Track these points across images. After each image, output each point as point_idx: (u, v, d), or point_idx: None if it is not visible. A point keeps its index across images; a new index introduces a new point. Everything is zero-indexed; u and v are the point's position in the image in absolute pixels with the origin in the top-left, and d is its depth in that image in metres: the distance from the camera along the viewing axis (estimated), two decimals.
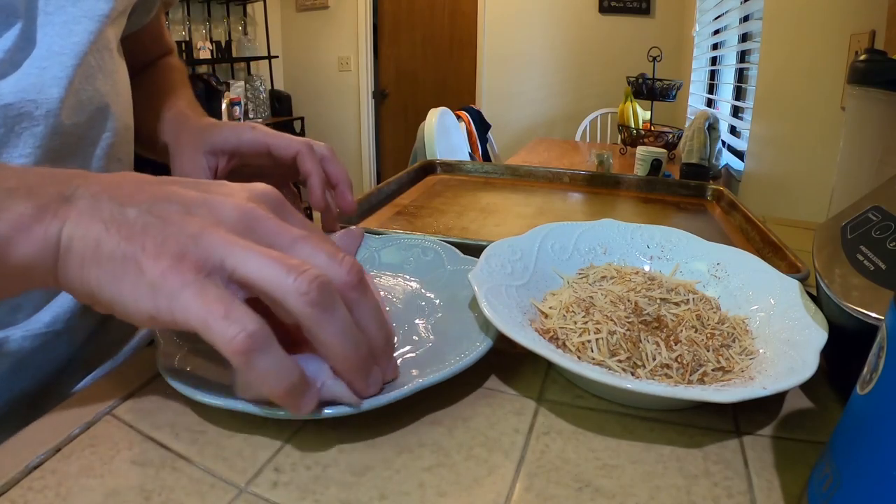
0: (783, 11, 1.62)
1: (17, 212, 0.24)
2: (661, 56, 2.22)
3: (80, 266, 0.25)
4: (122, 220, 0.25)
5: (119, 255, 0.24)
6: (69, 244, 0.25)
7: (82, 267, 0.25)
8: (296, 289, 0.24)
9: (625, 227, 0.47)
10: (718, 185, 0.82)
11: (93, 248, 0.25)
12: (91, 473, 0.27)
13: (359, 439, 0.29)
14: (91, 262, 0.25)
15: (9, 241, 0.24)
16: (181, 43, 3.24)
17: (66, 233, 0.25)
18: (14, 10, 0.34)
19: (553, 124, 3.65)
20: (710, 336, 0.35)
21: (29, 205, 0.25)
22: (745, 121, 2.03)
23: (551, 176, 0.90)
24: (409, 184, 0.85)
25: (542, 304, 0.39)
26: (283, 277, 0.24)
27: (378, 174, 4.30)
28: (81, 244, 0.25)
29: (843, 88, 1.12)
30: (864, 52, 0.55)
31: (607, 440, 0.30)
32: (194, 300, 0.24)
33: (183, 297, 0.24)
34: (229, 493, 0.26)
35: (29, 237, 0.24)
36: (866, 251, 0.33)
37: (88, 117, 0.40)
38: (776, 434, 0.30)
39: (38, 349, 0.40)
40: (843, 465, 0.22)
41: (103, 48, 0.41)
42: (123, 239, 0.24)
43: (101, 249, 0.24)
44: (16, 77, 0.35)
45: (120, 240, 0.24)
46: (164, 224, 0.25)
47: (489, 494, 0.26)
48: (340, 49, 4.02)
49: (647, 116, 2.43)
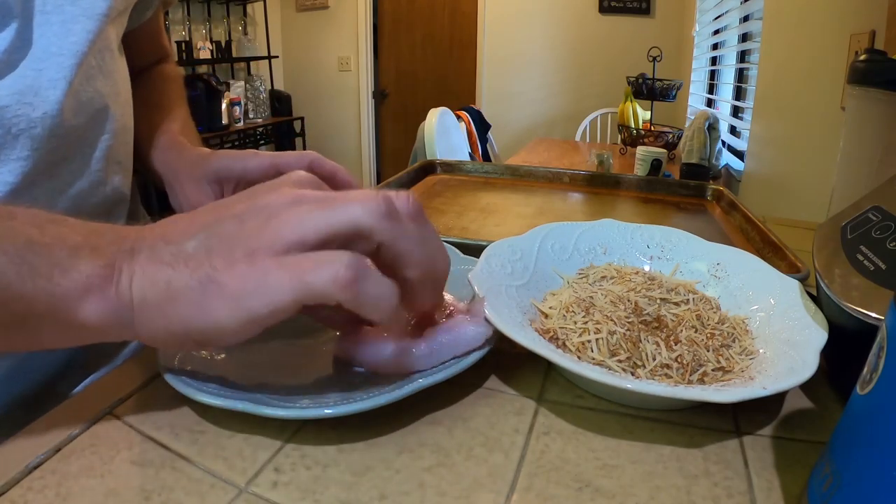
0: (783, 11, 1.62)
1: (83, 272, 0.25)
2: (661, 56, 2.22)
3: (160, 313, 0.25)
4: (183, 255, 0.25)
5: (195, 284, 0.25)
6: (143, 296, 0.25)
7: (162, 312, 0.25)
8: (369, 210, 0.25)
9: (625, 227, 0.47)
10: (718, 185, 0.82)
11: (164, 290, 0.25)
12: (91, 473, 0.27)
13: (359, 439, 0.29)
14: (168, 303, 0.25)
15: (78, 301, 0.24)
16: (181, 43, 3.24)
17: (137, 285, 0.25)
18: (9, 9, 0.34)
19: (553, 124, 3.65)
20: (710, 336, 0.35)
21: (95, 264, 0.25)
22: (745, 121, 2.03)
23: (551, 176, 0.90)
24: (409, 184, 0.85)
25: (542, 304, 0.39)
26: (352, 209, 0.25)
27: (378, 174, 4.30)
28: (153, 291, 0.25)
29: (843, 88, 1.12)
30: (864, 52, 0.55)
31: (607, 440, 0.30)
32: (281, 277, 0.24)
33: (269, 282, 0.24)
34: (229, 493, 0.26)
35: (103, 296, 0.25)
36: (866, 251, 0.33)
37: (87, 119, 0.39)
38: (776, 434, 0.30)
39: (35, 352, 0.40)
40: (843, 465, 0.22)
41: (104, 48, 0.40)
42: (191, 269, 0.25)
43: (173, 287, 0.25)
44: (11, 79, 0.34)
45: (189, 271, 0.25)
46: (225, 240, 0.25)
47: (489, 494, 0.26)
48: (340, 49, 4.02)
49: (647, 116, 2.43)
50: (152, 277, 0.25)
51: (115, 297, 0.25)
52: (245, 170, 0.44)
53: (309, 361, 0.34)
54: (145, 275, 0.25)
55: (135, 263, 0.25)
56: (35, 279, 0.24)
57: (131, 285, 0.25)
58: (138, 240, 0.26)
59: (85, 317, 0.25)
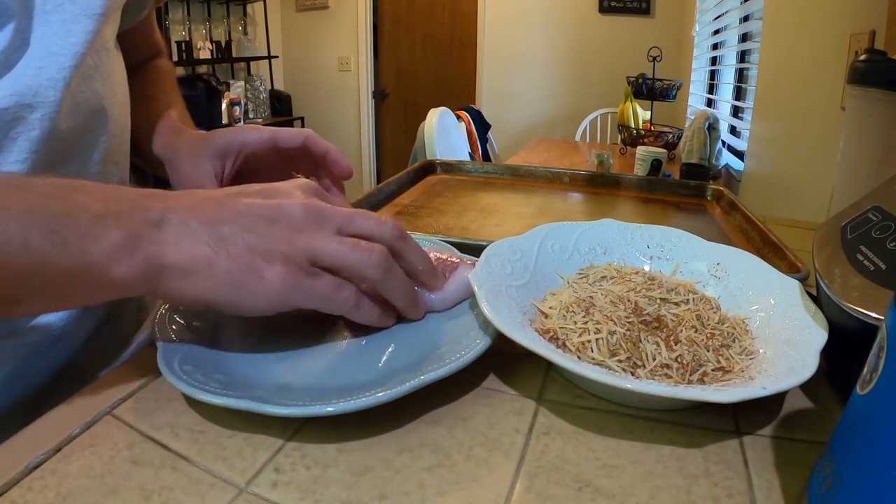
0: (783, 11, 1.62)
1: (111, 240, 0.28)
2: (661, 56, 2.21)
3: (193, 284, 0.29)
4: (222, 240, 0.30)
5: (237, 271, 0.30)
6: (175, 265, 0.29)
7: (195, 284, 0.30)
8: (370, 263, 0.32)
9: (625, 227, 0.47)
10: (718, 185, 0.82)
11: (204, 267, 0.29)
12: (91, 473, 0.27)
13: (359, 439, 0.29)
14: (205, 278, 0.29)
15: (108, 266, 0.28)
16: (181, 43, 3.24)
17: (170, 257, 0.29)
18: (7, 9, 0.33)
19: (553, 124, 3.65)
20: (710, 336, 0.35)
21: (121, 233, 0.28)
22: (745, 121, 2.03)
23: (551, 176, 0.90)
24: (409, 184, 0.85)
25: (542, 304, 0.39)
26: (361, 257, 0.32)
27: (378, 174, 4.30)
28: (190, 264, 0.29)
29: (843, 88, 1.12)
30: (864, 52, 0.55)
31: (607, 440, 0.30)
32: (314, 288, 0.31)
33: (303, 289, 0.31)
34: (229, 493, 0.26)
35: (131, 261, 0.28)
36: (866, 251, 0.33)
37: (85, 120, 0.39)
38: (776, 434, 0.30)
39: (34, 356, 0.40)
40: (843, 466, 0.22)
41: (101, 48, 0.40)
42: (233, 258, 0.30)
43: (214, 268, 0.29)
44: (10, 79, 0.34)
45: (230, 258, 0.30)
46: (260, 238, 0.31)
47: (489, 494, 0.26)
48: (340, 49, 4.02)
49: (647, 116, 2.42)
50: (191, 253, 0.29)
51: (145, 261, 0.28)
52: (245, 143, 0.46)
53: (310, 360, 0.34)
54: (181, 250, 0.29)
55: (166, 235, 0.29)
56: (68, 248, 0.27)
57: (163, 254, 0.29)
58: (165, 211, 0.30)
59: (116, 276, 0.28)
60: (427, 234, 0.51)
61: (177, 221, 0.30)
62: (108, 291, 0.29)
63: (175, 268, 0.29)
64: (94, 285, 0.28)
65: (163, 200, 0.30)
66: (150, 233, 0.29)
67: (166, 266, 0.29)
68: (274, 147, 0.46)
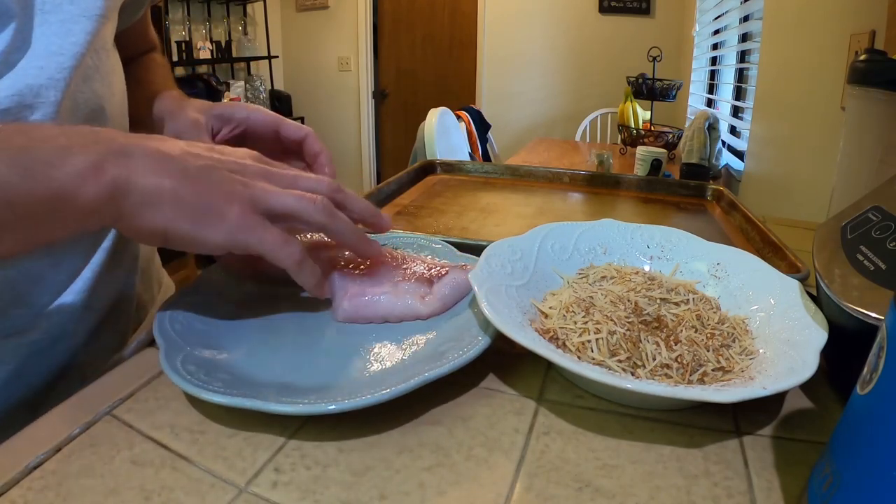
0: (783, 11, 1.62)
1: (76, 165, 0.29)
2: (661, 56, 2.21)
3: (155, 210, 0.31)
4: (187, 176, 0.32)
5: (203, 203, 0.32)
6: (140, 190, 0.30)
7: (158, 210, 0.31)
8: (316, 209, 0.35)
9: (625, 227, 0.47)
10: (718, 185, 0.82)
11: (171, 198, 0.31)
12: (91, 473, 0.27)
13: (359, 439, 0.29)
14: (169, 206, 0.31)
15: (77, 187, 0.29)
16: (181, 43, 3.23)
17: (136, 181, 0.30)
18: (8, 9, 0.33)
19: (553, 124, 3.65)
20: (710, 336, 0.35)
21: (87, 158, 0.29)
22: (745, 121, 2.03)
23: (551, 176, 0.90)
24: (409, 184, 0.85)
25: (542, 304, 0.39)
26: (307, 204, 0.35)
27: (378, 174, 4.30)
28: (157, 193, 0.31)
29: (843, 88, 1.12)
30: (864, 52, 0.55)
31: (607, 440, 0.30)
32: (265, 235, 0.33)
33: (257, 232, 0.33)
34: (229, 493, 0.26)
35: (97, 182, 0.29)
36: (866, 251, 0.33)
37: (84, 120, 0.39)
38: (776, 434, 0.30)
39: (34, 356, 0.40)
40: (843, 466, 0.22)
41: (100, 48, 0.40)
42: (200, 191, 0.32)
43: (179, 196, 0.31)
44: (11, 79, 0.33)
45: (197, 191, 0.32)
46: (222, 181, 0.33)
47: (489, 494, 0.26)
48: (340, 49, 4.02)
49: (647, 116, 2.42)
50: (158, 183, 0.31)
51: (112, 184, 0.30)
52: (248, 117, 0.49)
53: (311, 360, 0.34)
54: (146, 176, 0.30)
55: (132, 162, 0.30)
56: (33, 176, 0.28)
57: (129, 178, 0.30)
58: (128, 145, 0.31)
59: (84, 200, 0.29)
60: (427, 234, 0.51)
61: (141, 153, 0.31)
62: (78, 220, 0.30)
63: (143, 193, 0.30)
64: (63, 212, 0.29)
65: (126, 137, 0.32)
66: (116, 159, 0.30)
67: (132, 191, 0.30)
68: (275, 133, 0.49)
